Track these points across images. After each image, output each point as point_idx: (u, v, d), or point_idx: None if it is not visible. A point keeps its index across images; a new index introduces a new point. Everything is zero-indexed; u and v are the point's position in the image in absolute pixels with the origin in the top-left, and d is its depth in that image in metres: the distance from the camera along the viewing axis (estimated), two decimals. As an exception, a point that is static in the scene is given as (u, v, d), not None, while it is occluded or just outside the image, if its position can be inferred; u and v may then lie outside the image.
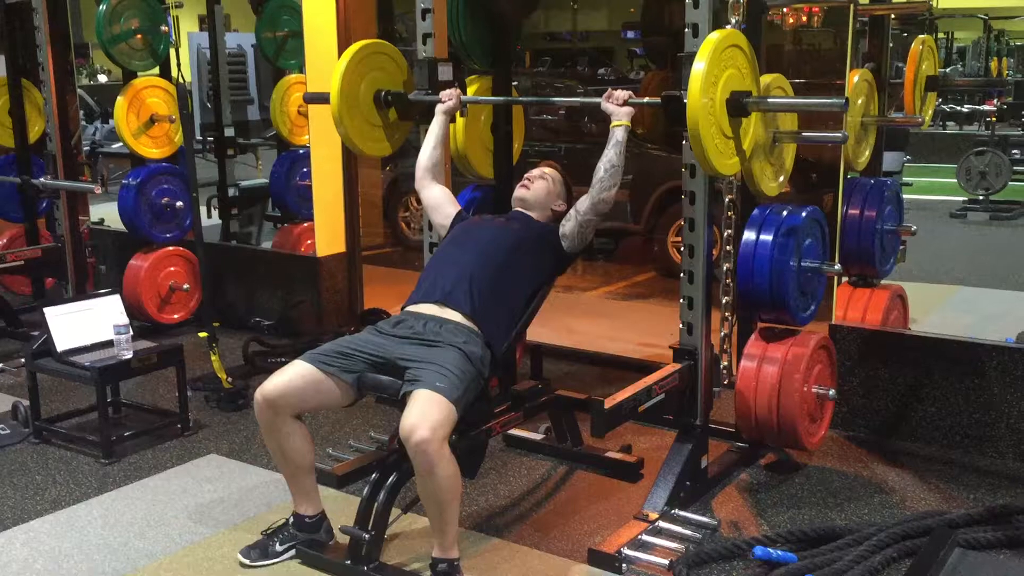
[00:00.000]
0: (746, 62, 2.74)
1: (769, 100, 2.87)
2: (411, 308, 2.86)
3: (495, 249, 2.91)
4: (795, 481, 3.26)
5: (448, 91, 3.27)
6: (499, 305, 2.84)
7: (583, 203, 2.94)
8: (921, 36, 4.07)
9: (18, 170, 5.22)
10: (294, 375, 2.64)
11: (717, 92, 2.63)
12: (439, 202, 3.22)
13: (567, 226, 2.96)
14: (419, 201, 3.34)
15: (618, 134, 2.90)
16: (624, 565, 2.67)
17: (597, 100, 2.98)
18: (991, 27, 10.74)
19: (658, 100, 2.82)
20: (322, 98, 3.42)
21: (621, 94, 2.93)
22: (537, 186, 3.11)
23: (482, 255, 2.89)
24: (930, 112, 4.22)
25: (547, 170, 3.17)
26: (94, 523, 3.04)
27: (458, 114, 3.44)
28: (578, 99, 2.67)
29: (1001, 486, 3.21)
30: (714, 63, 2.59)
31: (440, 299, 2.81)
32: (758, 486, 3.24)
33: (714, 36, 2.63)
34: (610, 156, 2.88)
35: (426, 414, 2.41)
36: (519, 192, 3.13)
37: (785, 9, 6.02)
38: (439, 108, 3.26)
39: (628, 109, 2.92)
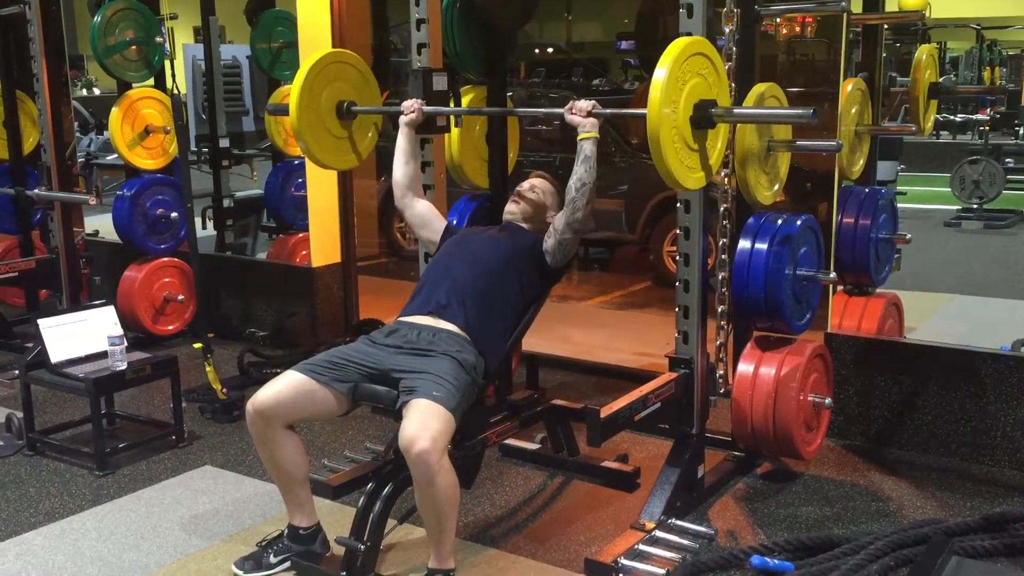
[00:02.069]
0: (713, 70, 2.64)
1: (735, 111, 2.75)
2: (404, 318, 2.85)
3: (488, 261, 2.90)
4: (792, 490, 3.26)
5: (409, 103, 3.21)
6: (493, 317, 2.84)
7: (559, 220, 2.87)
8: (924, 46, 4.09)
9: (12, 181, 5.20)
10: (286, 385, 2.63)
11: (680, 102, 2.50)
12: (426, 218, 3.18)
13: (548, 243, 2.92)
14: (403, 220, 3.28)
15: (586, 148, 2.76)
16: (621, 575, 2.66)
17: (560, 111, 2.84)
18: (984, 37, 10.78)
19: (625, 111, 2.75)
20: (282, 110, 3.40)
21: (584, 104, 2.78)
22: (527, 200, 3.09)
23: (475, 268, 2.88)
24: (932, 119, 4.25)
25: (537, 182, 3.15)
26: (88, 535, 3.02)
27: (453, 124, 3.44)
28: (541, 110, 2.61)
29: (998, 494, 3.21)
30: (677, 70, 2.47)
31: (434, 310, 2.81)
32: (755, 495, 3.23)
33: (679, 42, 2.52)
34: (579, 173, 2.78)
35: (425, 424, 2.40)
36: (510, 207, 3.11)
37: (778, 19, 6.05)
38: (402, 120, 3.20)
39: (594, 120, 2.78)
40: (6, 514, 3.18)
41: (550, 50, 10.13)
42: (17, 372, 3.91)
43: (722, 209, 3.33)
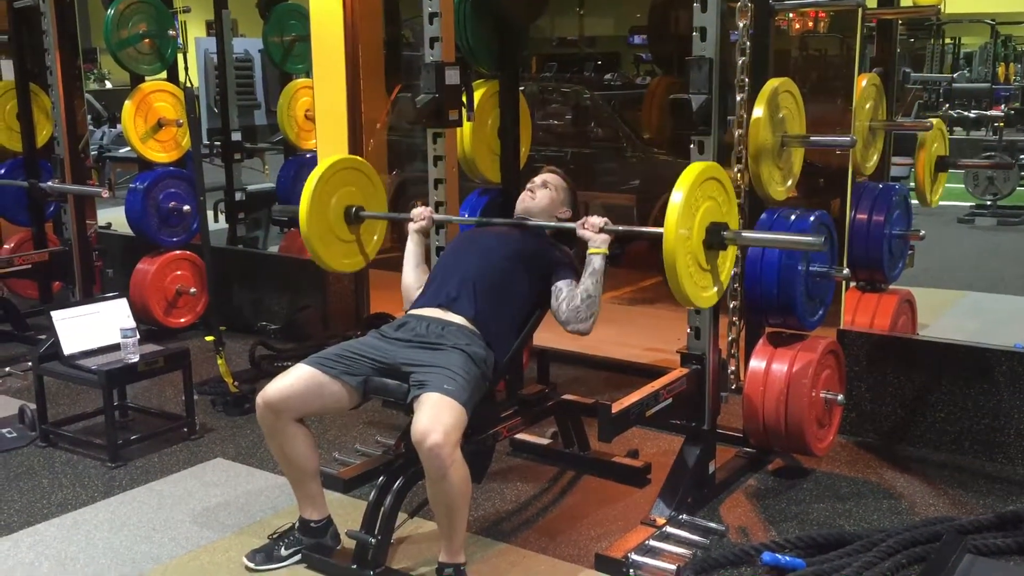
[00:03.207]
0: (723, 193, 2.71)
1: (744, 235, 2.79)
2: (415, 311, 2.85)
3: (499, 256, 2.91)
4: (803, 487, 3.25)
5: (418, 210, 3.24)
6: (502, 311, 2.84)
7: (563, 310, 2.83)
8: (931, 119, 4.08)
9: (26, 174, 5.23)
10: (296, 379, 2.63)
11: (695, 225, 2.59)
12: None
13: (552, 302, 2.88)
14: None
15: (595, 262, 2.80)
16: (631, 570, 2.66)
17: (572, 226, 2.88)
18: (998, 32, 10.72)
19: (640, 229, 2.78)
20: (292, 213, 3.44)
21: (596, 221, 2.82)
22: (540, 195, 3.09)
23: (486, 261, 2.89)
24: (940, 192, 4.23)
25: (549, 177, 3.14)
26: (100, 527, 3.04)
27: (465, 118, 3.44)
28: (552, 224, 2.63)
29: (1011, 492, 3.19)
30: (692, 195, 2.55)
31: (444, 303, 2.81)
32: (766, 492, 3.22)
33: (694, 167, 2.59)
34: (587, 285, 2.80)
35: (438, 418, 2.40)
36: (522, 201, 3.11)
37: (792, 15, 6.01)
38: (411, 227, 3.22)
39: (605, 236, 2.81)
40: (19, 505, 3.19)
41: (562, 44, 10.10)
42: (30, 364, 3.93)
43: (735, 204, 3.32)
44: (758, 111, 3.03)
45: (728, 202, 2.74)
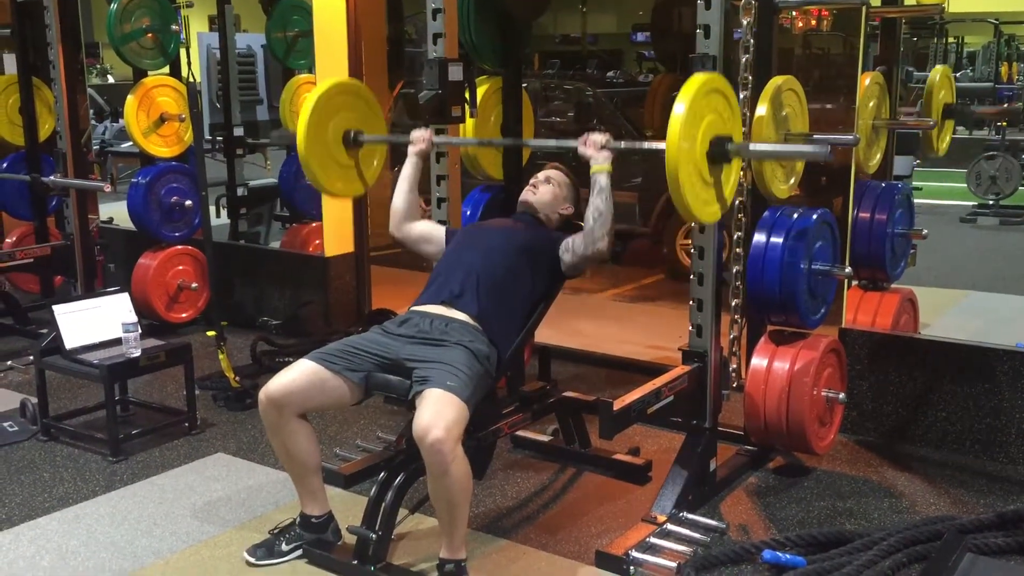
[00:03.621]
0: (727, 107, 2.68)
1: (750, 147, 2.78)
2: (418, 308, 2.85)
3: (502, 252, 2.90)
4: (804, 485, 3.25)
5: (418, 133, 3.22)
6: (505, 308, 2.83)
7: (579, 245, 2.85)
8: (938, 67, 4.07)
9: (28, 168, 5.22)
10: (299, 374, 2.64)
11: (698, 138, 2.54)
12: (426, 235, 3.17)
13: (565, 257, 2.90)
14: (400, 243, 3.25)
15: (600, 180, 2.78)
16: (632, 568, 2.66)
17: (574, 144, 2.86)
18: (1001, 32, 10.71)
19: (642, 145, 2.77)
20: (290, 139, 3.41)
21: (598, 138, 2.80)
22: (543, 191, 3.09)
23: (490, 258, 2.88)
24: (947, 140, 4.22)
25: (553, 173, 3.14)
26: (101, 521, 3.04)
27: (468, 114, 3.44)
28: (553, 141, 2.64)
29: (1012, 491, 3.19)
30: (695, 107, 2.52)
31: (447, 300, 2.81)
32: (767, 489, 3.23)
33: (696, 78, 2.55)
34: (596, 204, 2.78)
35: (440, 414, 2.40)
36: (525, 196, 3.11)
37: (795, 13, 6.01)
38: (411, 150, 3.21)
39: (607, 153, 2.79)
40: (20, 499, 3.20)
41: (565, 41, 10.10)
42: (32, 358, 3.93)
43: (737, 202, 3.32)
44: (761, 109, 3.03)
45: (732, 115, 2.68)
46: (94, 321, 3.71)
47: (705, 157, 2.58)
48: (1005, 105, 8.93)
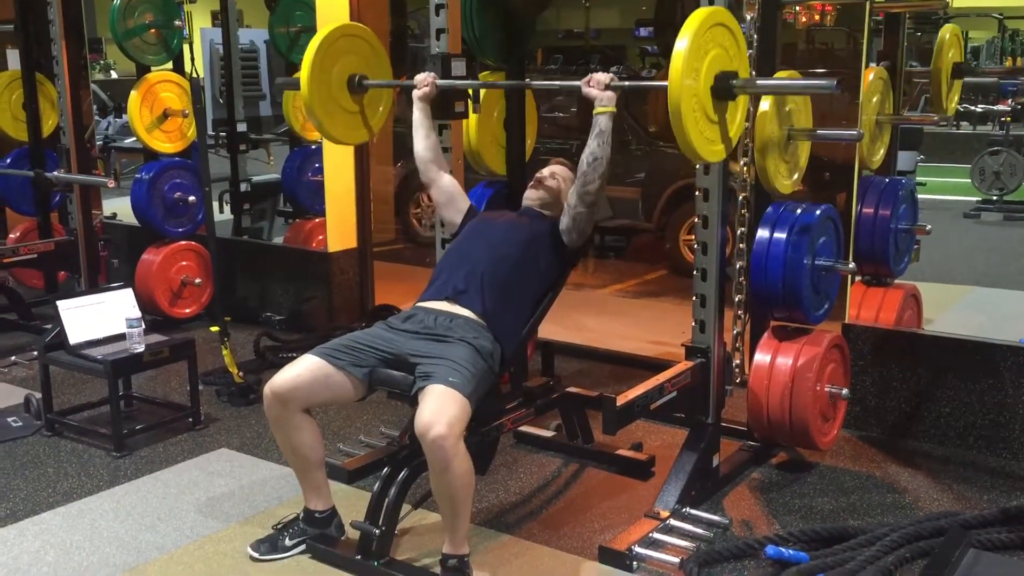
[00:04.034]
0: (733, 42, 2.58)
1: (757, 82, 2.70)
2: (422, 304, 2.85)
3: (507, 247, 2.90)
4: (807, 480, 3.25)
5: (422, 76, 3.17)
6: (510, 304, 2.83)
7: (572, 196, 2.85)
8: (947, 25, 4.05)
9: (32, 164, 5.23)
10: (303, 369, 2.64)
11: (701, 73, 2.44)
12: (451, 195, 3.15)
13: (563, 221, 2.89)
14: (430, 198, 3.27)
15: (601, 122, 2.71)
16: (635, 563, 2.67)
17: (577, 84, 2.79)
18: (1006, 26, 10.67)
19: (645, 83, 2.71)
20: (293, 84, 3.36)
21: (602, 77, 2.73)
22: (547, 187, 3.08)
23: (494, 253, 2.87)
24: (956, 100, 4.20)
25: (557, 169, 3.13)
26: (105, 516, 3.05)
27: (471, 110, 3.43)
28: (557, 83, 2.60)
29: (1015, 487, 3.19)
30: (698, 41, 2.41)
31: (452, 296, 2.80)
32: (770, 485, 3.23)
33: (700, 12, 2.47)
34: (592, 148, 2.73)
35: (442, 410, 2.40)
36: (529, 193, 3.10)
37: (798, 8, 6.00)
38: (416, 94, 3.17)
39: (611, 94, 2.73)
40: (24, 494, 3.21)
41: (568, 36, 10.08)
42: (36, 353, 3.93)
43: (740, 198, 3.32)
44: (765, 104, 3.03)
45: (738, 51, 2.60)
46: (98, 317, 3.72)
47: (709, 93, 2.50)
48: (1010, 101, 8.90)
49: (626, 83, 2.77)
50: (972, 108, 9.82)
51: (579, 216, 2.86)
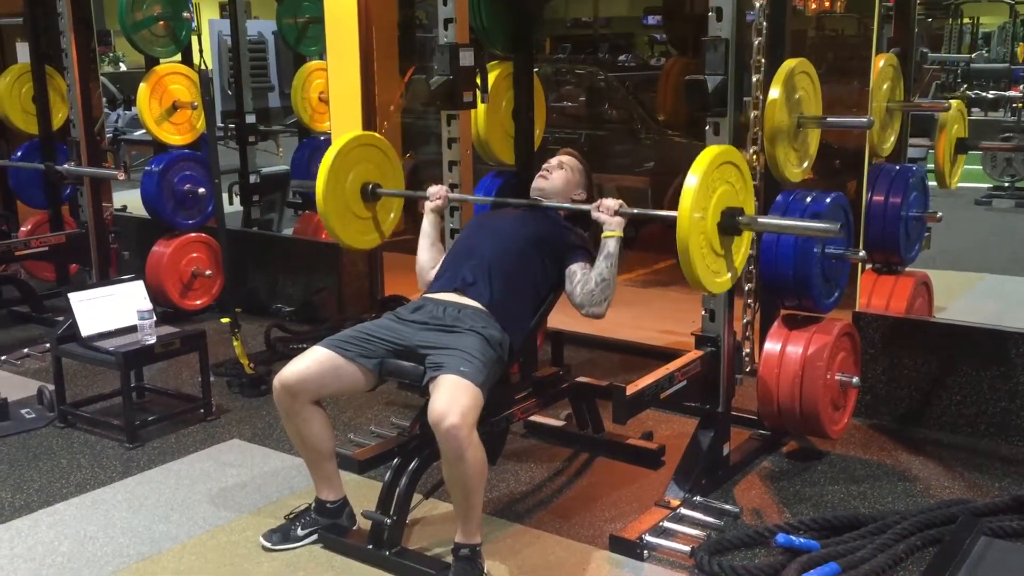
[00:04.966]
0: (740, 178, 2.68)
1: (760, 220, 2.76)
2: (430, 295, 2.86)
3: (513, 239, 2.90)
4: (818, 469, 3.25)
5: (434, 189, 3.24)
6: (517, 295, 2.84)
7: (577, 294, 2.83)
8: (952, 101, 4.04)
9: (42, 156, 5.25)
10: (313, 361, 2.65)
11: (709, 210, 2.56)
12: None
13: (566, 285, 2.88)
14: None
15: (610, 246, 2.78)
16: (646, 551, 2.67)
17: (587, 208, 2.86)
18: (1017, 12, 10.60)
19: (655, 212, 2.77)
20: (309, 187, 3.45)
21: (611, 203, 2.80)
22: (556, 176, 3.08)
23: (501, 245, 2.88)
24: (959, 175, 4.19)
25: (565, 159, 3.13)
26: (118, 506, 3.07)
27: (479, 100, 3.43)
28: (567, 204, 2.62)
29: (1027, 475, 3.18)
30: (707, 179, 2.53)
31: (460, 288, 2.81)
32: (780, 474, 3.23)
33: (709, 151, 2.56)
34: (600, 269, 2.78)
35: (455, 399, 2.41)
36: (538, 183, 3.10)
37: (809, -7, 5.96)
38: (427, 206, 3.22)
39: (620, 219, 2.79)
40: (38, 485, 3.23)
41: (576, 25, 10.05)
42: (48, 345, 3.96)
43: (750, 186, 3.30)
44: (774, 92, 3.01)
45: (744, 187, 2.71)
46: (109, 309, 3.73)
47: (716, 230, 2.60)
48: (1022, 87, 8.84)
49: (635, 211, 2.83)
50: (984, 95, 9.76)
51: (574, 306, 2.86)
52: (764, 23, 3.12)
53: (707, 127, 2.87)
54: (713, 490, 3.02)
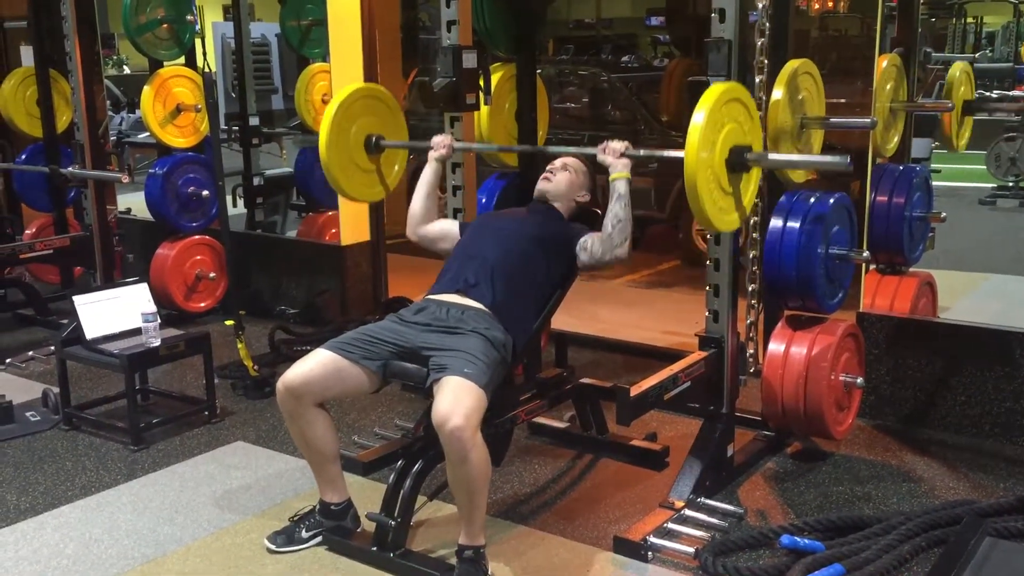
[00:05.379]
0: (747, 116, 2.68)
1: (770, 157, 2.77)
2: (433, 296, 2.86)
3: (516, 240, 2.90)
4: (822, 470, 3.24)
5: (438, 138, 3.23)
6: (520, 296, 2.84)
7: (596, 249, 2.85)
8: (959, 63, 4.04)
9: (47, 159, 5.27)
10: (316, 363, 2.65)
11: (717, 147, 2.56)
12: (443, 232, 3.18)
13: (582, 256, 2.89)
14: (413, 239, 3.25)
15: (619, 187, 2.79)
16: (650, 553, 2.67)
17: (594, 151, 2.88)
18: (1021, 11, 10.58)
19: (662, 153, 2.79)
20: (313, 143, 3.45)
21: (617, 145, 2.82)
22: (559, 178, 3.08)
23: (504, 246, 2.88)
24: (967, 136, 4.19)
25: (569, 160, 3.13)
26: (123, 509, 3.07)
27: (482, 101, 3.43)
28: (573, 148, 2.64)
29: (1032, 475, 3.18)
30: (714, 116, 2.52)
31: (462, 289, 2.81)
32: (785, 475, 3.22)
33: (716, 88, 2.56)
34: (615, 211, 2.78)
35: (458, 401, 2.41)
36: (541, 185, 3.10)
37: (812, -6, 5.95)
38: (431, 155, 3.22)
39: (626, 161, 2.81)
40: (43, 487, 3.23)
41: (579, 26, 10.06)
42: (53, 348, 3.96)
43: (754, 187, 3.30)
44: (777, 93, 3.01)
45: (752, 124, 2.69)
46: (114, 311, 3.74)
47: (724, 166, 2.59)
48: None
49: (641, 152, 2.84)
50: (987, 94, 9.75)
51: (598, 265, 2.89)
52: (767, 24, 3.13)
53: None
54: (717, 491, 3.02)
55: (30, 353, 4.67)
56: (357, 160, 3.38)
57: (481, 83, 3.38)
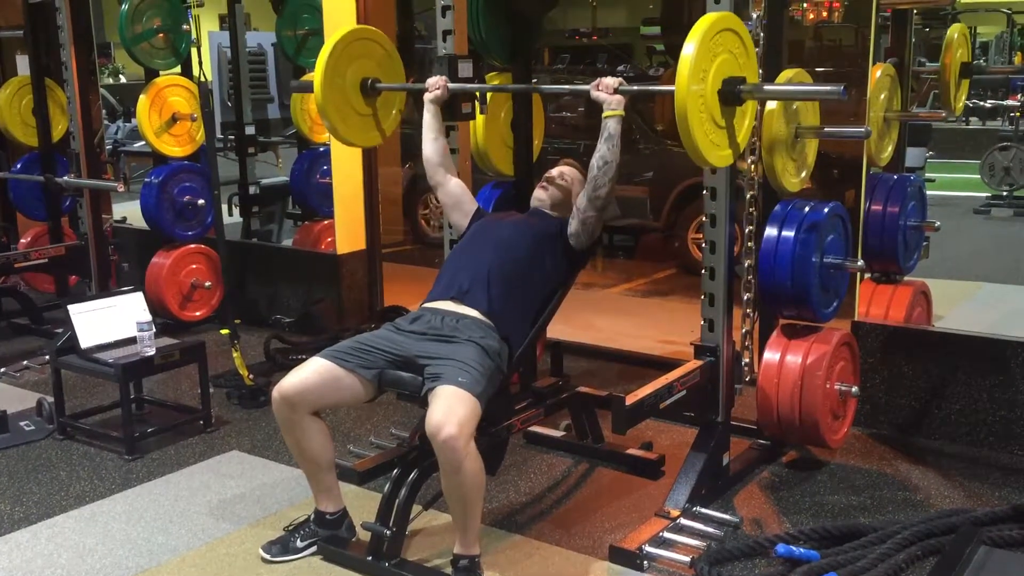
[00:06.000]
0: (741, 47, 2.59)
1: (765, 88, 2.70)
2: (429, 304, 2.86)
3: (513, 247, 2.90)
4: (817, 479, 3.24)
5: (434, 79, 3.20)
6: (516, 304, 2.84)
7: (581, 199, 2.86)
8: (955, 24, 4.05)
9: (42, 168, 5.26)
10: (312, 372, 2.65)
11: (709, 78, 2.47)
12: (458, 198, 3.17)
13: (572, 224, 2.90)
14: (437, 199, 3.29)
15: (610, 125, 2.74)
16: (645, 562, 2.67)
17: (586, 87, 2.81)
18: (1014, 21, 10.63)
19: (653, 88, 2.73)
20: (307, 87, 3.40)
21: (611, 81, 2.76)
22: (556, 187, 3.08)
23: (500, 253, 2.88)
24: (963, 99, 4.19)
25: (566, 170, 3.13)
26: (118, 518, 3.06)
27: (478, 111, 3.43)
28: (567, 87, 2.61)
29: (1027, 484, 3.18)
30: (705, 47, 2.43)
31: (457, 296, 2.81)
32: (780, 483, 3.22)
33: (707, 17, 2.48)
34: (602, 151, 2.76)
35: (452, 410, 2.41)
36: (538, 193, 3.11)
37: (805, 4, 5.99)
38: (427, 97, 3.19)
39: (619, 97, 2.74)
40: (37, 497, 3.22)
41: (574, 35, 10.08)
42: (47, 357, 3.96)
43: (748, 196, 3.31)
44: (772, 103, 3.02)
45: (747, 57, 2.61)
46: (109, 320, 3.74)
47: (716, 98, 2.51)
48: (1020, 96, 8.88)
49: (634, 88, 2.77)
50: (981, 103, 9.78)
51: (589, 220, 2.87)
52: (761, 33, 3.13)
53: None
54: (713, 500, 3.02)
55: (24, 362, 4.66)
56: (353, 103, 3.32)
57: (477, 93, 3.38)
